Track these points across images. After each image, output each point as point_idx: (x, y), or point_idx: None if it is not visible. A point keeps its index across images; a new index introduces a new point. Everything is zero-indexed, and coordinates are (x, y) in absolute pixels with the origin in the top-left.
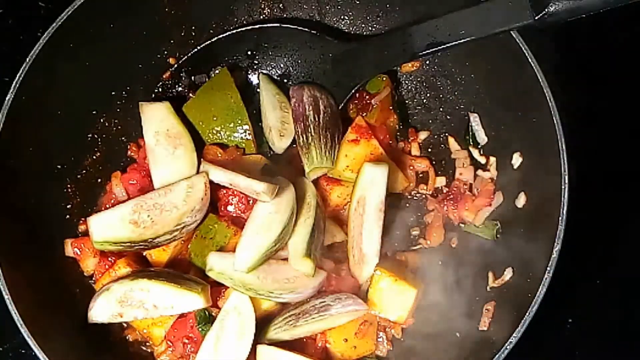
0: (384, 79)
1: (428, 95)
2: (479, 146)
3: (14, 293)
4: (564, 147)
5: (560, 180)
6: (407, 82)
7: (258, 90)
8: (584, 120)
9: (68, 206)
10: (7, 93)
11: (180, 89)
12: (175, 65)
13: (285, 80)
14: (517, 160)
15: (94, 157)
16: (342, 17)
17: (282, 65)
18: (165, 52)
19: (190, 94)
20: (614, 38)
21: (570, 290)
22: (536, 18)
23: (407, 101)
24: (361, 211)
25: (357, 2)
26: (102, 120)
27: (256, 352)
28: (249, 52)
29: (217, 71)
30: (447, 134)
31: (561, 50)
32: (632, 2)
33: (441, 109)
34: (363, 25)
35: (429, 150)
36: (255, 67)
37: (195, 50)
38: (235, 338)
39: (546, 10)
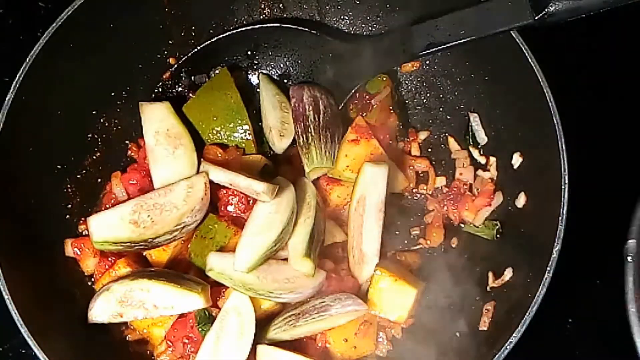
0: (384, 79)
1: (428, 95)
2: (479, 146)
3: (14, 293)
4: (564, 147)
5: (560, 180)
6: (407, 82)
7: (258, 90)
8: (584, 120)
9: (68, 206)
10: (7, 93)
11: (180, 89)
12: (175, 65)
13: (285, 80)
14: (517, 160)
15: (94, 157)
16: (342, 17)
17: (282, 65)
18: (165, 52)
19: (190, 94)
20: (614, 38)
21: (570, 290)
22: (536, 18)
23: (407, 101)
24: (361, 211)
25: (357, 2)
26: (102, 120)
27: (256, 352)
28: (249, 52)
29: (217, 71)
30: (447, 134)
31: (561, 50)
32: (632, 2)
33: (441, 109)
34: (363, 25)
35: (429, 150)
36: (255, 67)
37: (195, 50)
38: (235, 338)
39: (546, 10)
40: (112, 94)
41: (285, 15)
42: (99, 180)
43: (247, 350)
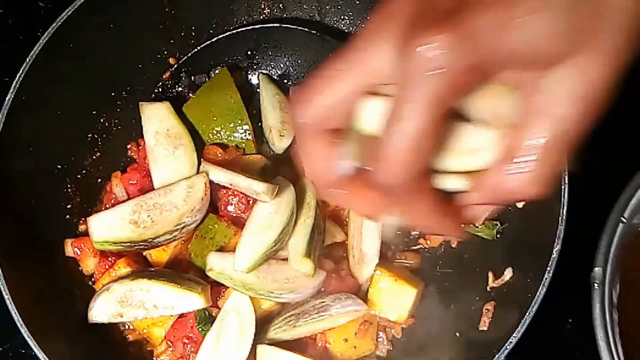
0: None
1: None
2: None
3: (14, 293)
4: None
5: (560, 180)
6: None
7: (258, 90)
8: None
9: (68, 206)
10: (7, 93)
11: (180, 89)
12: (175, 65)
13: (285, 80)
14: None
15: (94, 157)
16: (342, 17)
17: (282, 65)
18: (165, 52)
19: (190, 94)
20: None
21: (570, 290)
22: None
23: None
24: None
25: (357, 2)
26: (102, 120)
27: (256, 352)
28: (249, 52)
29: (217, 71)
30: None
31: None
32: None
33: None
34: (363, 26)
35: None
36: (255, 67)
37: (195, 50)
38: (235, 338)
39: None
40: (112, 94)
41: (285, 15)
42: (99, 180)
43: (247, 350)
